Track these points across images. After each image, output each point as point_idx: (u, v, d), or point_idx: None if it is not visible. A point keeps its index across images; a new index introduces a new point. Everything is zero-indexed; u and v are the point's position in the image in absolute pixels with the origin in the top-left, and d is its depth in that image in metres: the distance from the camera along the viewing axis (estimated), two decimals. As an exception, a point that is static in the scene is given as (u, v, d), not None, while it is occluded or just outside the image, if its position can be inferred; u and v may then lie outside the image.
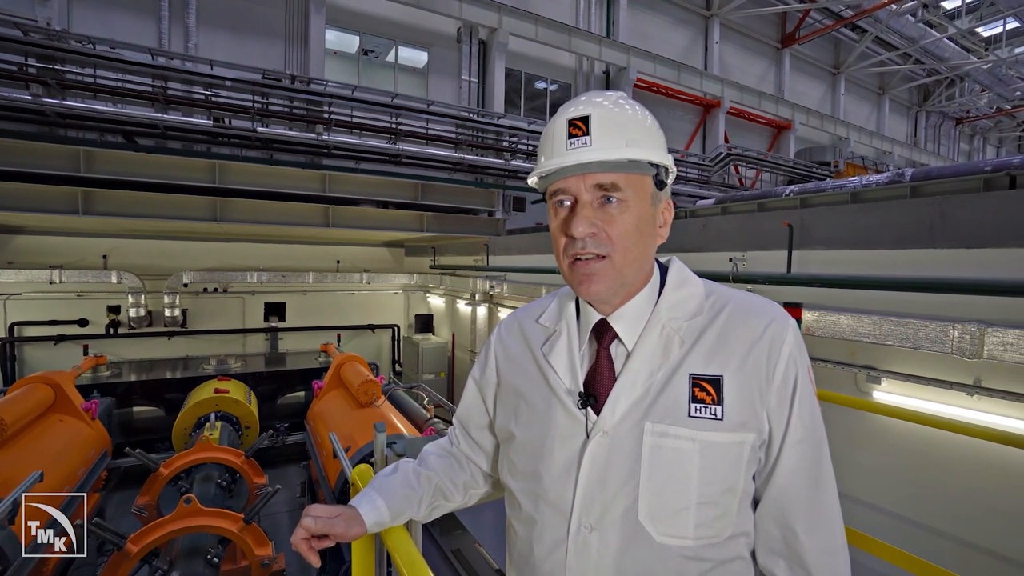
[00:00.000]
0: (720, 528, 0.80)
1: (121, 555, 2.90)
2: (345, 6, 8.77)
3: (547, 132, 0.86)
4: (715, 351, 0.82)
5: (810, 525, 0.81)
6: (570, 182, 0.81)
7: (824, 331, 3.34)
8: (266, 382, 7.13)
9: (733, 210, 5.67)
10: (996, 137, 22.03)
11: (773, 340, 0.81)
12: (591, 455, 0.83)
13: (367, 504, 0.95)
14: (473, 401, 1.06)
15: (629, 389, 0.83)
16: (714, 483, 0.79)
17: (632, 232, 0.81)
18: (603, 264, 0.81)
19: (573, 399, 0.86)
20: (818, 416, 0.84)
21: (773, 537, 0.83)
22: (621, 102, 0.84)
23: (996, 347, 2.57)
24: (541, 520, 0.87)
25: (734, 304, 0.86)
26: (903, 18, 13.95)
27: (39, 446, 3.81)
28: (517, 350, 0.98)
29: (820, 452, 0.83)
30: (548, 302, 0.99)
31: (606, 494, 0.81)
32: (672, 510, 0.79)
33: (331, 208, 7.06)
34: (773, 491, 0.82)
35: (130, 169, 5.75)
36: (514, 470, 0.93)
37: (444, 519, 3.25)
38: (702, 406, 0.79)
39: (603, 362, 0.86)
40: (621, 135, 0.80)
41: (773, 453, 0.82)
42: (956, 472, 3.05)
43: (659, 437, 0.80)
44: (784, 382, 0.81)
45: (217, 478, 4.23)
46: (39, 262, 7.71)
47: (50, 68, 5.72)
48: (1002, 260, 2.89)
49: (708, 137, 13.07)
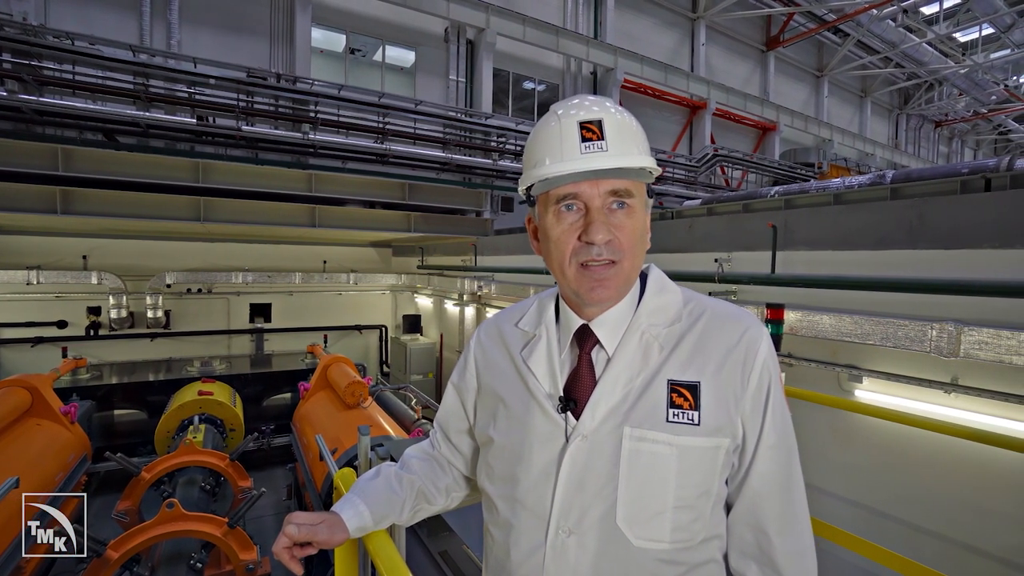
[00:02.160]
0: (695, 531, 0.81)
1: (101, 561, 2.84)
2: (331, 4, 8.70)
3: (550, 133, 0.83)
4: (693, 357, 0.83)
5: (781, 528, 0.83)
6: (583, 187, 0.80)
7: (807, 331, 3.39)
8: (251, 384, 7.05)
9: (719, 211, 5.73)
10: (973, 140, 22.53)
11: (748, 348, 0.83)
12: (570, 459, 0.83)
13: (350, 510, 0.95)
14: (452, 405, 1.06)
15: (609, 394, 0.83)
16: (690, 487, 0.80)
17: (638, 238, 0.83)
18: (614, 270, 0.82)
19: (553, 403, 0.86)
20: (789, 422, 0.86)
21: (745, 540, 0.85)
22: (622, 109, 0.84)
23: (972, 346, 2.63)
24: (518, 524, 0.87)
25: (711, 312, 0.87)
26: (884, 23, 14.22)
27: (15, 451, 3.73)
28: (496, 354, 0.98)
29: (791, 457, 0.85)
30: (527, 306, 0.99)
31: (584, 498, 0.82)
32: (649, 514, 0.80)
33: (317, 208, 6.99)
34: (746, 495, 0.84)
35: (111, 168, 5.64)
36: (492, 474, 0.93)
37: (431, 521, 3.24)
38: (680, 411, 0.81)
39: (584, 367, 0.87)
40: (633, 142, 0.82)
41: (747, 458, 0.84)
42: (934, 469, 3.11)
43: (638, 441, 0.80)
44: (758, 389, 0.83)
45: (201, 482, 4.18)
46: (16, 262, 7.54)
47: (26, 64, 5.59)
48: (977, 261, 2.96)
49: (695, 138, 13.19)
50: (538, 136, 0.85)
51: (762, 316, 3.38)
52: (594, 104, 0.83)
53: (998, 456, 2.05)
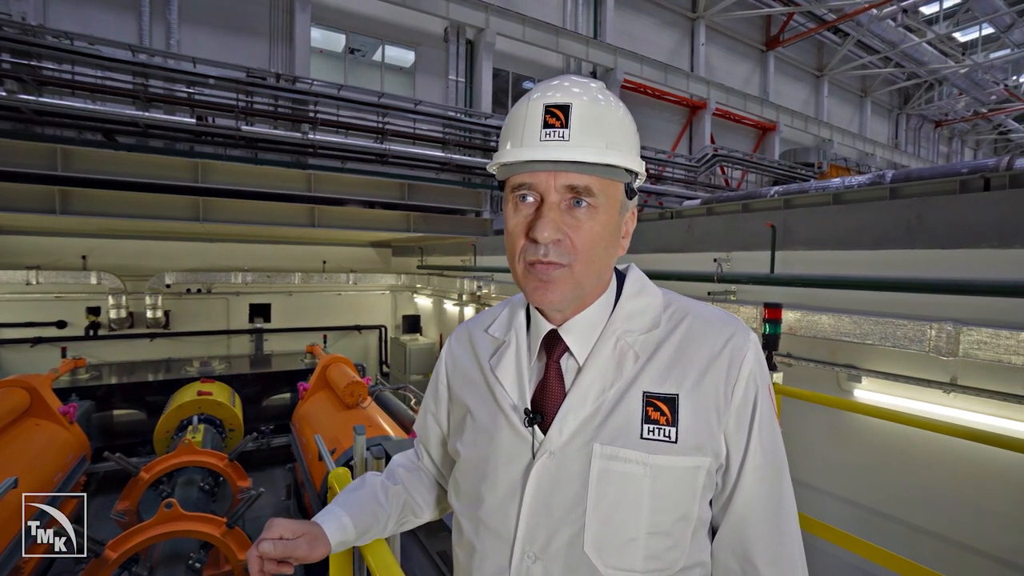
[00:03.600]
0: (671, 560, 0.74)
1: (99, 562, 2.84)
2: (331, 4, 8.70)
3: (517, 114, 0.75)
4: (671, 367, 0.76)
5: (771, 558, 0.75)
6: (539, 177, 0.72)
7: (806, 330, 3.39)
8: (251, 384, 7.05)
9: (718, 211, 5.72)
10: (973, 140, 22.53)
11: (733, 357, 0.75)
12: (536, 478, 0.76)
13: (332, 522, 0.88)
14: (428, 418, 1.00)
15: (578, 407, 0.76)
16: (666, 511, 0.73)
17: (598, 241, 0.74)
18: (562, 272, 0.73)
19: (519, 416, 0.79)
20: (778, 438, 0.78)
21: (731, 570, 0.77)
22: (601, 96, 0.75)
23: (971, 346, 2.63)
24: (481, 548, 0.81)
25: (692, 317, 0.80)
26: (884, 22, 14.22)
27: (13, 451, 3.72)
28: (466, 362, 0.91)
29: (780, 478, 0.77)
30: (499, 311, 0.92)
31: (551, 521, 0.75)
32: (620, 541, 0.72)
33: (317, 208, 6.99)
34: (731, 520, 0.76)
35: (110, 168, 5.63)
36: (459, 491, 0.86)
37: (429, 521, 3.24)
38: (655, 427, 0.73)
39: (552, 377, 0.79)
40: (601, 135, 0.72)
41: (731, 479, 0.76)
42: (933, 469, 3.11)
43: (608, 460, 0.73)
44: (744, 403, 0.75)
45: (200, 482, 4.18)
46: (15, 262, 7.53)
47: (25, 64, 5.59)
48: (976, 260, 2.95)
49: (694, 138, 13.19)
50: (510, 117, 0.78)
51: (761, 316, 3.38)
52: (574, 86, 0.74)
53: (997, 456, 2.05)
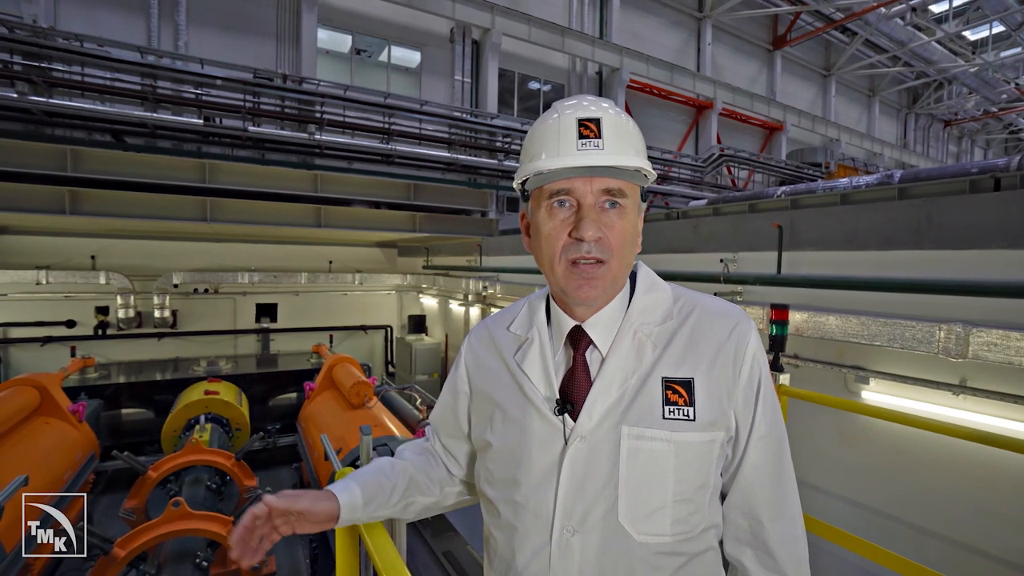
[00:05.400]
0: (694, 523, 0.84)
1: (108, 559, 2.87)
2: (337, 5, 8.73)
3: (548, 128, 0.84)
4: (685, 354, 0.85)
5: (774, 515, 0.86)
6: (576, 183, 0.82)
7: (813, 332, 3.36)
8: (257, 383, 7.09)
9: (724, 211, 5.70)
10: (984, 139, 22.29)
11: (739, 342, 0.86)
12: (571, 460, 0.84)
13: (338, 486, 0.95)
14: (446, 410, 1.07)
15: (605, 394, 0.84)
16: (688, 481, 0.82)
17: (627, 239, 0.84)
18: (602, 269, 0.83)
19: (550, 406, 0.87)
20: (779, 413, 0.89)
21: (740, 527, 0.88)
22: (619, 110, 0.85)
23: (981, 347, 2.60)
24: (522, 527, 0.88)
25: (701, 308, 0.89)
26: (892, 21, 14.09)
27: (24, 449, 3.76)
28: (489, 359, 0.98)
29: (781, 446, 0.89)
30: (517, 309, 1.00)
31: (586, 498, 0.83)
32: (650, 509, 0.82)
33: (323, 208, 7.02)
34: (740, 484, 0.88)
35: (118, 168, 5.69)
36: (492, 478, 0.94)
37: (435, 521, 3.25)
38: (675, 408, 0.83)
39: (579, 368, 0.88)
40: (628, 143, 0.83)
41: (740, 449, 0.87)
42: (942, 471, 3.08)
43: (636, 440, 0.82)
44: (749, 382, 0.86)
45: (207, 481, 4.21)
46: (25, 262, 7.61)
47: (36, 66, 5.65)
48: (986, 261, 2.92)
49: (701, 138, 13.13)
50: (537, 131, 0.86)
51: (767, 317, 3.36)
52: (593, 104, 0.84)
53: (1007, 459, 2.03)
